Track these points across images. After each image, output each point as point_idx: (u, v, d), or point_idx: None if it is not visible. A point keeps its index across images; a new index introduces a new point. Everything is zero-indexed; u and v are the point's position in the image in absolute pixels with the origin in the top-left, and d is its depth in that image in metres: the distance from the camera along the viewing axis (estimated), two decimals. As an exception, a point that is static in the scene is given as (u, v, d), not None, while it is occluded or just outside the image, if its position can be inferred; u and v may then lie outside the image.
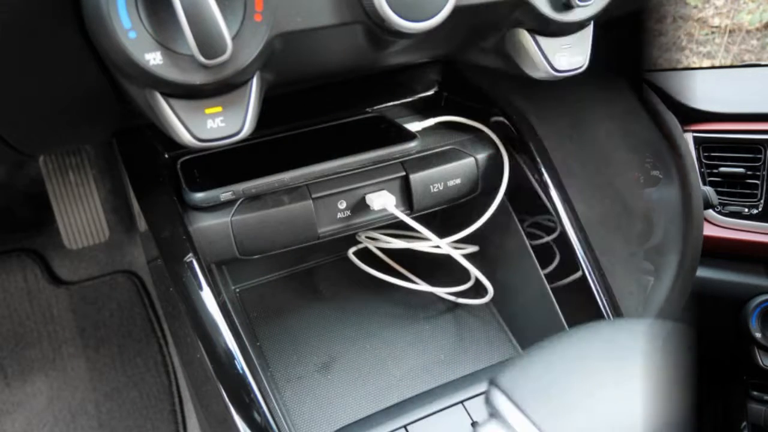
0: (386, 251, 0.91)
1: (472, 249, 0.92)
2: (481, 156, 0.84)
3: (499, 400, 0.40)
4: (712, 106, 1.25)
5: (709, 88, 1.37)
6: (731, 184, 1.24)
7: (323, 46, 0.62)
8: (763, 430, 1.32)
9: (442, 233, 0.81)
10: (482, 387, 0.69)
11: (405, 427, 0.66)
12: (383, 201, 0.78)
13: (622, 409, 0.38)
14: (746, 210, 1.22)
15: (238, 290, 0.97)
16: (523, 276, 0.88)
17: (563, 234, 0.80)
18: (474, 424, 0.67)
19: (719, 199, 1.24)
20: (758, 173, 1.20)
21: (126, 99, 0.59)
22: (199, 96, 0.52)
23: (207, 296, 0.66)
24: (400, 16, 0.52)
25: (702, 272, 1.25)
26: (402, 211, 0.80)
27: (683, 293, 0.93)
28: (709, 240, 1.22)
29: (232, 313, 0.75)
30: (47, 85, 0.57)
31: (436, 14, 0.54)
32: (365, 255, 0.90)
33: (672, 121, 1.02)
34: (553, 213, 0.81)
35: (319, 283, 0.99)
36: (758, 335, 1.24)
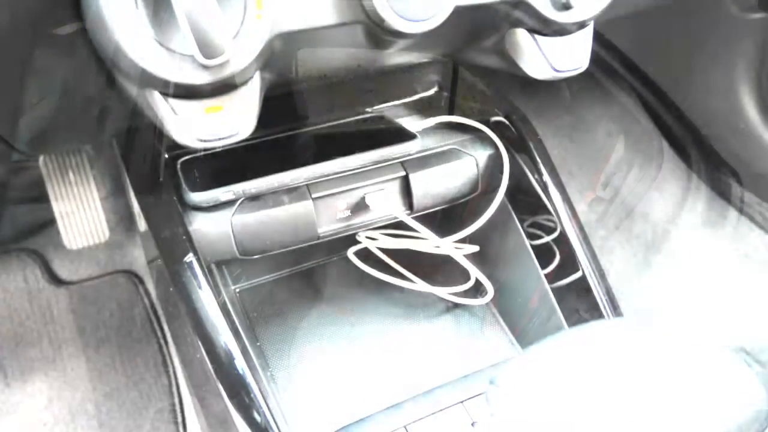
0: (386, 251, 0.91)
1: (472, 249, 0.92)
2: (481, 156, 0.84)
3: (499, 399, 0.40)
4: None
5: None
6: None
7: (323, 46, 0.62)
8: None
9: (442, 233, 0.81)
10: (482, 387, 0.69)
11: (405, 427, 0.66)
12: (383, 201, 0.78)
13: (621, 408, 0.39)
14: None
15: (238, 290, 0.97)
16: (523, 276, 0.88)
17: (563, 234, 0.80)
18: (474, 424, 0.67)
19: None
20: None
21: (126, 99, 0.59)
22: (199, 96, 0.52)
23: (207, 296, 0.66)
24: (400, 17, 0.52)
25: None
26: (402, 211, 0.80)
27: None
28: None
29: (232, 313, 0.75)
30: (47, 85, 0.57)
31: (436, 14, 0.54)
32: (365, 255, 0.90)
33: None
34: (553, 213, 0.81)
35: (319, 283, 0.99)
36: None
